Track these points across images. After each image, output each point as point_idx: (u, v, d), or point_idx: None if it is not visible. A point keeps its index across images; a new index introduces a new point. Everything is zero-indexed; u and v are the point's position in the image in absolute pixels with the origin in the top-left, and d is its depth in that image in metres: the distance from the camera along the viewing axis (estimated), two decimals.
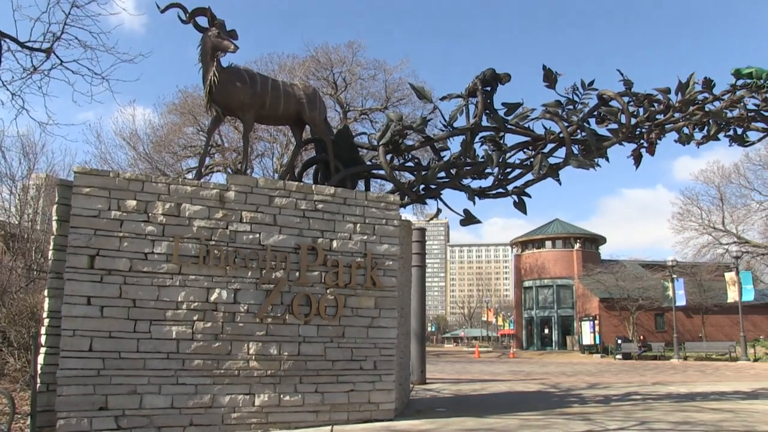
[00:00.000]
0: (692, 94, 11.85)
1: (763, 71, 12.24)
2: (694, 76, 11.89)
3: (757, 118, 12.59)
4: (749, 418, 9.37)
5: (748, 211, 51.08)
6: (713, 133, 12.41)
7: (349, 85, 36.14)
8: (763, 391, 14.10)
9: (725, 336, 47.30)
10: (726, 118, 12.32)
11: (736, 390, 14.38)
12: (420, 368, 17.05)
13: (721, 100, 12.24)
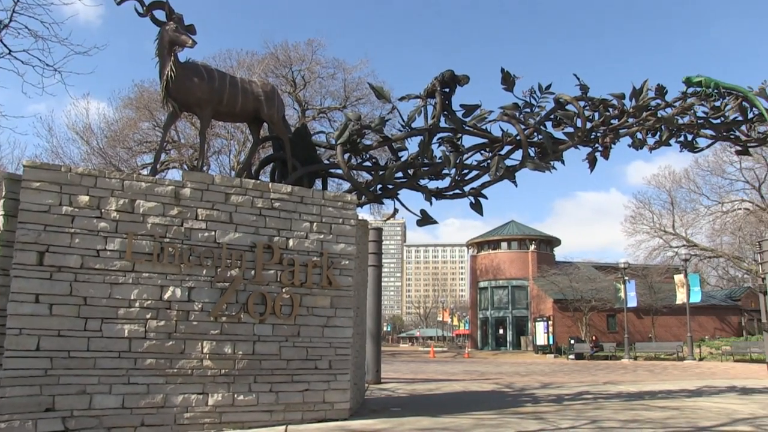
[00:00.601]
0: (646, 100, 12.12)
1: (711, 81, 12.59)
2: (648, 83, 12.15)
3: (705, 126, 12.93)
4: (693, 414, 9.65)
5: (696, 215, 52.44)
6: (665, 139, 12.71)
7: (308, 83, 35.98)
8: (706, 389, 14.48)
9: (673, 336, 48.44)
10: (677, 125, 12.63)
11: (682, 388, 14.73)
12: (375, 368, 17.06)
13: (672, 107, 12.55)
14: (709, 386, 15.40)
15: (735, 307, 57.00)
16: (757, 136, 13.34)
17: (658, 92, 12.27)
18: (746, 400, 12.06)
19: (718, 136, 13.30)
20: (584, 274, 52.64)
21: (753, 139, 13.40)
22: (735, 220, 49.77)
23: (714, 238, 51.71)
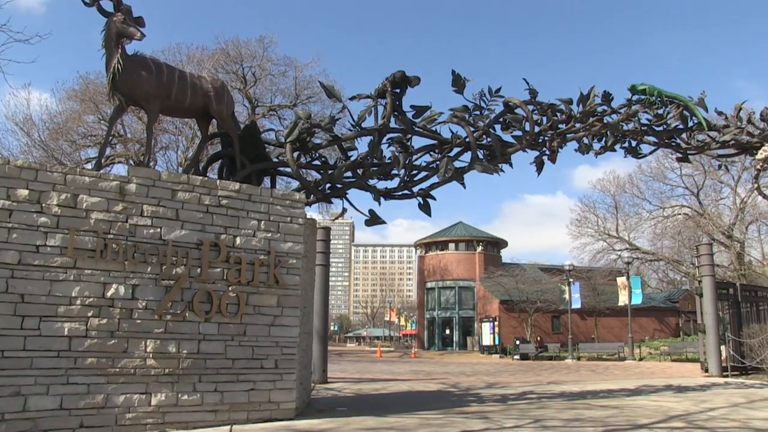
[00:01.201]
0: (592, 106, 12.39)
1: (655, 89, 12.94)
2: (595, 89, 12.42)
3: (649, 133, 13.29)
4: (632, 413, 9.90)
5: (639, 219, 53.78)
6: (610, 144, 13.01)
7: (259, 80, 35.61)
8: (645, 388, 14.86)
9: (615, 337, 49.49)
10: (622, 131, 12.93)
11: (622, 388, 15.08)
12: (322, 367, 17.02)
13: (618, 113, 12.85)
14: (648, 385, 15.80)
15: (673, 308, 58.60)
16: (696, 144, 13.76)
17: (605, 99, 12.56)
18: (681, 398, 12.46)
19: (661, 143, 13.68)
20: (530, 276, 53.39)
21: (692, 147, 13.82)
22: (675, 224, 51.21)
23: (655, 242, 53.20)
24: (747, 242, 49.71)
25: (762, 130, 13.60)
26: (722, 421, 9.08)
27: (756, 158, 13.63)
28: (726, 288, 22.86)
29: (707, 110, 13.35)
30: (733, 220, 47.90)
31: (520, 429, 8.15)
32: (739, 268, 45.56)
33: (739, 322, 22.21)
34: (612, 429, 8.16)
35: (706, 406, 11.04)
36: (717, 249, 43.21)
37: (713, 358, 20.41)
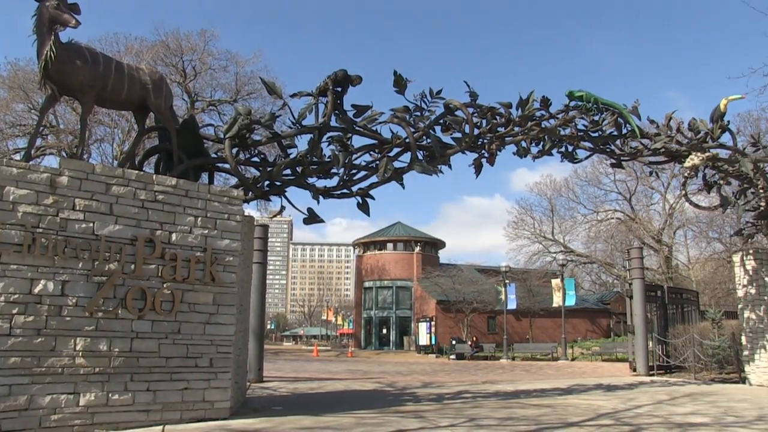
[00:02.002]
0: (531, 110, 12.61)
1: (591, 96, 13.27)
2: (534, 94, 12.64)
3: (585, 138, 13.62)
4: (564, 411, 10.12)
5: (574, 222, 55.08)
6: (547, 149, 13.27)
7: (199, 74, 35.03)
8: (576, 387, 15.20)
9: (549, 337, 50.47)
10: (559, 136, 13.21)
11: (555, 387, 15.39)
12: (258, 366, 16.86)
13: (556, 119, 13.12)
14: (579, 384, 16.17)
15: (605, 310, 60.11)
16: (630, 151, 14.16)
17: (543, 104, 12.80)
18: (610, 396, 12.80)
19: (596, 148, 14.02)
20: (467, 277, 53.99)
21: (626, 153, 14.21)
22: (608, 228, 52.60)
23: (589, 245, 54.54)
24: (675, 246, 51.45)
25: (690, 139, 14.09)
26: (647, 418, 9.41)
27: (684, 166, 14.11)
28: (654, 290, 23.64)
29: (640, 118, 13.79)
30: (663, 225, 49.49)
31: (455, 428, 8.23)
32: (667, 272, 47.11)
33: (666, 323, 22.98)
34: (544, 427, 8.31)
35: (633, 404, 11.39)
36: (647, 253, 44.56)
37: (641, 358, 21.04)
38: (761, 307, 16.31)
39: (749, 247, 17.22)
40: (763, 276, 16.38)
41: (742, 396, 13.07)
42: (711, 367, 20.37)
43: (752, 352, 16.41)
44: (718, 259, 46.25)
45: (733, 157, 14.35)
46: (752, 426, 8.68)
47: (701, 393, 13.73)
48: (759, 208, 14.97)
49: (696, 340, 20.03)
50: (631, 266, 22.75)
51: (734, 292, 18.25)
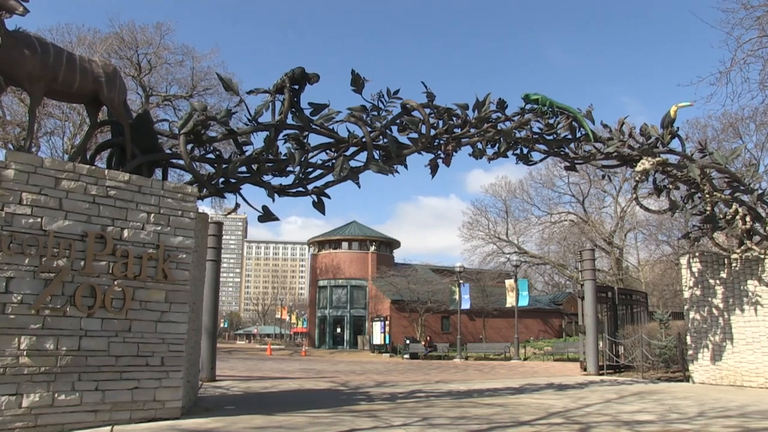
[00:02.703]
0: (487, 112, 12.72)
1: (547, 99, 13.45)
2: (490, 96, 12.76)
3: (540, 141, 13.79)
4: (516, 410, 10.24)
5: (528, 224, 55.86)
6: (503, 151, 13.40)
7: (154, 68, 34.46)
8: (528, 387, 15.39)
9: (502, 338, 51.01)
10: (514, 138, 13.35)
11: (507, 386, 15.56)
12: (210, 365, 16.70)
13: (511, 121, 13.27)
14: (531, 384, 16.38)
15: (557, 310, 61.01)
16: (583, 154, 14.40)
17: (499, 106, 12.93)
18: (561, 396, 13.00)
19: (551, 151, 14.21)
20: (421, 276, 54.23)
21: (579, 156, 14.44)
22: (561, 230, 53.46)
23: (542, 247, 55.39)
24: (625, 249, 52.56)
25: (641, 144, 14.39)
26: (596, 416, 9.59)
27: (635, 170, 14.40)
28: (605, 291, 24.06)
29: (594, 122, 14.04)
30: (614, 228, 50.47)
31: (409, 427, 8.25)
32: (618, 273, 48.06)
33: (616, 324, 23.42)
34: (496, 426, 8.39)
35: (583, 402, 11.59)
36: (599, 254, 45.45)
37: (592, 358, 21.40)
38: (705, 308, 16.77)
39: (695, 250, 17.69)
40: (708, 278, 16.83)
41: (686, 394, 13.41)
42: (658, 366, 20.85)
43: (696, 351, 16.86)
44: (666, 262, 47.40)
45: (681, 163, 14.70)
46: (693, 422, 8.96)
47: (648, 391, 14.05)
48: (705, 212, 15.36)
49: (644, 340, 20.47)
50: (583, 268, 23.13)
51: (681, 294, 18.71)
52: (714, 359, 16.38)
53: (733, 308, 16.19)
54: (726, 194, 15.12)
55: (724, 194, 15.06)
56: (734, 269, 16.32)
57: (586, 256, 23.32)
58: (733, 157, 15.98)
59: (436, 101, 12.25)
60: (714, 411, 10.27)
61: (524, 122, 13.39)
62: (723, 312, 16.38)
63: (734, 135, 35.66)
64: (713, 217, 15.34)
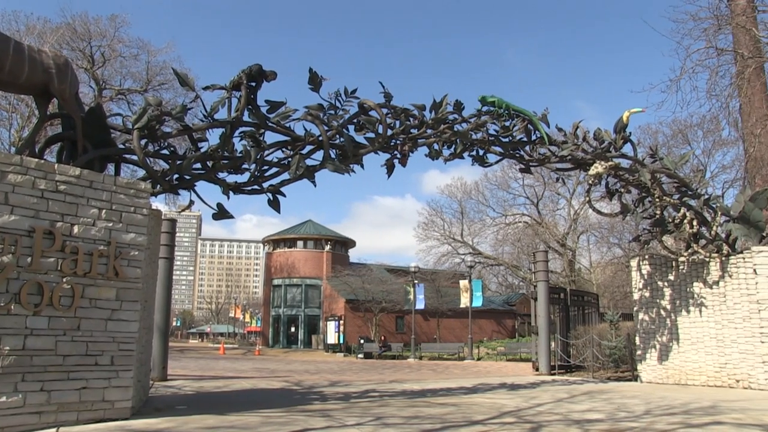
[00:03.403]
0: (444, 113, 12.78)
1: (503, 102, 13.58)
2: (447, 97, 12.82)
3: (495, 143, 13.91)
4: (469, 410, 10.29)
5: (483, 225, 56.43)
6: (459, 152, 13.48)
7: (108, 61, 33.83)
8: (481, 386, 15.51)
9: (456, 338, 51.44)
10: (471, 139, 13.44)
11: (460, 386, 15.65)
12: (162, 364, 16.48)
13: (468, 123, 13.35)
14: (484, 384, 16.51)
15: (511, 311, 61.78)
16: (538, 157, 14.57)
17: (456, 107, 13.00)
18: (513, 395, 13.13)
19: (506, 153, 14.34)
20: (376, 276, 54.35)
21: (534, 159, 14.61)
22: (515, 232, 54.14)
23: (497, 248, 56.02)
24: (578, 251, 53.46)
25: (595, 148, 14.63)
26: (547, 415, 9.69)
27: (588, 174, 14.62)
28: (558, 293, 24.40)
29: (549, 126, 14.22)
30: (567, 230, 51.31)
31: (362, 426, 8.23)
32: (570, 275, 48.83)
33: (568, 325, 23.78)
34: (449, 426, 8.42)
35: (535, 402, 11.72)
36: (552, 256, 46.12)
37: (544, 358, 21.69)
38: (654, 309, 17.14)
39: (645, 253, 18.07)
40: (656, 280, 17.21)
41: (634, 393, 13.68)
42: (608, 366, 21.25)
43: (644, 351, 17.22)
44: (617, 264, 48.35)
45: (633, 167, 14.98)
46: (640, 420, 9.15)
47: (598, 391, 14.28)
48: (655, 216, 15.69)
49: (595, 340, 20.83)
50: (537, 269, 23.43)
51: (631, 295, 19.09)
52: (661, 359, 16.75)
53: (679, 309, 16.59)
54: (675, 199, 15.46)
55: (673, 199, 15.40)
56: (681, 272, 16.72)
57: (540, 258, 23.62)
58: (682, 162, 16.36)
59: (393, 101, 12.26)
60: (660, 409, 10.51)
61: (480, 124, 13.50)
62: (670, 313, 16.77)
63: (683, 141, 36.64)
64: (662, 221, 15.68)
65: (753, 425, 8.64)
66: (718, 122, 30.36)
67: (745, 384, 14.94)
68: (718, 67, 19.10)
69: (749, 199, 15.89)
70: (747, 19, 19.54)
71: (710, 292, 16.05)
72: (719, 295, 15.88)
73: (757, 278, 14.91)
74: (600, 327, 23.61)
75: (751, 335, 14.93)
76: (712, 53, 18.85)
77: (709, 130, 34.64)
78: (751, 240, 15.79)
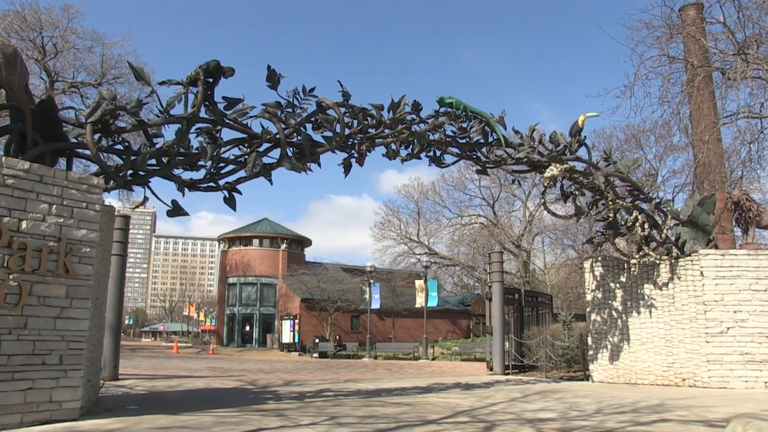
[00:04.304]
0: (402, 114, 12.81)
1: (461, 103, 13.66)
2: (406, 97, 12.85)
3: (453, 144, 13.99)
4: (423, 409, 10.34)
5: (439, 225, 56.79)
6: (416, 152, 13.52)
7: (61, 53, 33.00)
8: (436, 386, 15.59)
9: (411, 337, 51.62)
10: (428, 140, 13.50)
11: (415, 386, 15.71)
12: (113, 363, 16.19)
13: (426, 123, 13.40)
14: (439, 383, 16.60)
15: (466, 311, 62.21)
16: (494, 159, 14.69)
17: (414, 108, 13.04)
18: (468, 395, 13.23)
19: (463, 154, 14.43)
20: (332, 275, 54.22)
21: (491, 160, 14.73)
22: (471, 232, 54.60)
23: (452, 248, 56.43)
24: (533, 252, 54.14)
25: (550, 151, 14.82)
26: (501, 415, 9.79)
27: (544, 176, 14.81)
28: (512, 293, 24.68)
29: (506, 128, 14.36)
30: (522, 231, 51.89)
31: (316, 426, 8.20)
32: (525, 276, 49.42)
33: (522, 325, 24.06)
34: (404, 425, 8.44)
35: (488, 401, 11.82)
36: (507, 257, 46.61)
37: (498, 358, 21.90)
38: (606, 310, 17.45)
39: (598, 255, 18.37)
40: (609, 281, 17.52)
41: (586, 392, 13.89)
42: (561, 366, 21.56)
43: (596, 351, 17.52)
44: (571, 265, 49.09)
45: (587, 170, 15.22)
46: (591, 418, 9.31)
47: (551, 390, 14.47)
48: (608, 218, 15.96)
49: (548, 341, 21.12)
50: (492, 270, 23.63)
51: (584, 296, 19.41)
52: (612, 359, 17.05)
53: (630, 310, 16.93)
54: (627, 202, 15.76)
55: (625, 202, 15.70)
56: (633, 273, 17.06)
57: (495, 259, 23.83)
58: (634, 167, 16.68)
59: (351, 101, 12.25)
60: (610, 408, 10.70)
61: (438, 125, 13.56)
62: (622, 314, 17.09)
63: (636, 146, 37.38)
64: (615, 224, 15.96)
65: (696, 422, 8.88)
66: (669, 128, 31.19)
67: (691, 382, 15.34)
68: (670, 75, 19.63)
69: (698, 204, 16.31)
70: (697, 30, 20.09)
71: (660, 294, 16.43)
72: (668, 296, 16.27)
73: (704, 280, 15.32)
74: (553, 327, 23.93)
75: (697, 335, 15.33)
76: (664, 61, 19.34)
77: (661, 136, 35.44)
78: (699, 243, 16.21)
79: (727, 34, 17.87)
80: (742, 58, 16.90)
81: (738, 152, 22.43)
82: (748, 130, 20.25)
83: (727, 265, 15.31)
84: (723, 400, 11.77)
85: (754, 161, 20.67)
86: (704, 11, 21.47)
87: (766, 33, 16.84)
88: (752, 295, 15.06)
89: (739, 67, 16.75)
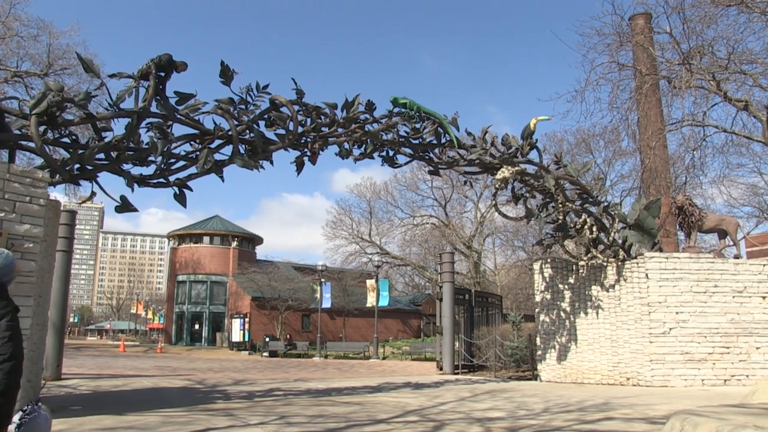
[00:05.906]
0: (356, 113, 12.82)
1: (415, 104, 13.73)
2: (359, 97, 12.85)
3: (406, 144, 14.07)
4: (373, 408, 10.39)
5: (391, 225, 56.93)
6: (369, 152, 13.55)
7: (3, 40, 31.97)
8: (386, 385, 15.65)
9: (362, 337, 51.66)
10: (381, 140, 13.54)
11: (365, 385, 15.74)
12: (56, 362, 15.83)
13: (379, 123, 13.44)
14: (389, 383, 16.66)
15: (416, 311, 62.54)
16: (447, 160, 14.81)
17: (368, 107, 13.06)
18: (417, 394, 13.31)
19: (416, 155, 14.51)
20: (283, 274, 53.91)
21: (443, 161, 14.85)
22: (423, 233, 54.91)
23: (404, 248, 56.64)
24: (483, 253, 54.68)
25: (502, 153, 15.00)
26: (450, 414, 9.89)
27: (496, 178, 14.98)
28: (463, 294, 24.90)
29: (459, 129, 14.49)
30: (474, 233, 52.37)
31: (266, 426, 8.15)
32: (476, 276, 49.88)
33: (472, 325, 24.29)
34: (354, 424, 8.45)
35: (438, 401, 11.92)
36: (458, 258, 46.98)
37: (448, 358, 22.07)
38: (554, 311, 17.74)
39: (548, 257, 18.68)
40: (557, 283, 17.81)
41: (534, 392, 14.11)
42: (510, 365, 21.85)
43: (544, 351, 17.80)
44: (521, 267, 49.78)
45: (538, 173, 15.45)
46: (539, 417, 9.48)
47: (500, 390, 14.65)
48: (558, 221, 16.23)
49: (498, 341, 21.37)
50: (443, 270, 23.81)
51: (533, 297, 19.69)
52: (560, 359, 17.34)
53: (578, 311, 17.24)
54: (576, 205, 16.05)
55: (575, 205, 15.98)
56: (581, 275, 17.38)
57: (446, 259, 24.01)
58: (584, 170, 16.99)
59: (305, 99, 12.20)
60: (557, 406, 10.89)
61: (391, 125, 13.61)
62: (570, 315, 17.39)
63: (586, 150, 38.09)
64: (564, 226, 16.23)
65: (639, 419, 9.13)
66: (618, 133, 31.86)
67: (635, 381, 15.72)
68: (620, 81, 20.03)
69: (644, 208, 16.71)
70: (645, 39, 20.59)
71: (607, 295, 16.77)
72: (615, 298, 16.63)
73: (649, 282, 15.70)
74: (503, 328, 24.25)
75: (642, 336, 15.70)
76: (614, 68, 19.75)
77: (610, 141, 36.18)
78: (645, 246, 16.61)
79: (674, 44, 18.35)
80: (687, 68, 17.37)
81: (682, 159, 23.05)
82: (692, 137, 20.83)
83: (670, 268, 15.73)
84: (664, 398, 12.11)
85: (697, 167, 21.26)
86: (652, 21, 22.06)
87: (708, 45, 17.35)
88: (693, 297, 15.53)
89: (684, 77, 17.20)
